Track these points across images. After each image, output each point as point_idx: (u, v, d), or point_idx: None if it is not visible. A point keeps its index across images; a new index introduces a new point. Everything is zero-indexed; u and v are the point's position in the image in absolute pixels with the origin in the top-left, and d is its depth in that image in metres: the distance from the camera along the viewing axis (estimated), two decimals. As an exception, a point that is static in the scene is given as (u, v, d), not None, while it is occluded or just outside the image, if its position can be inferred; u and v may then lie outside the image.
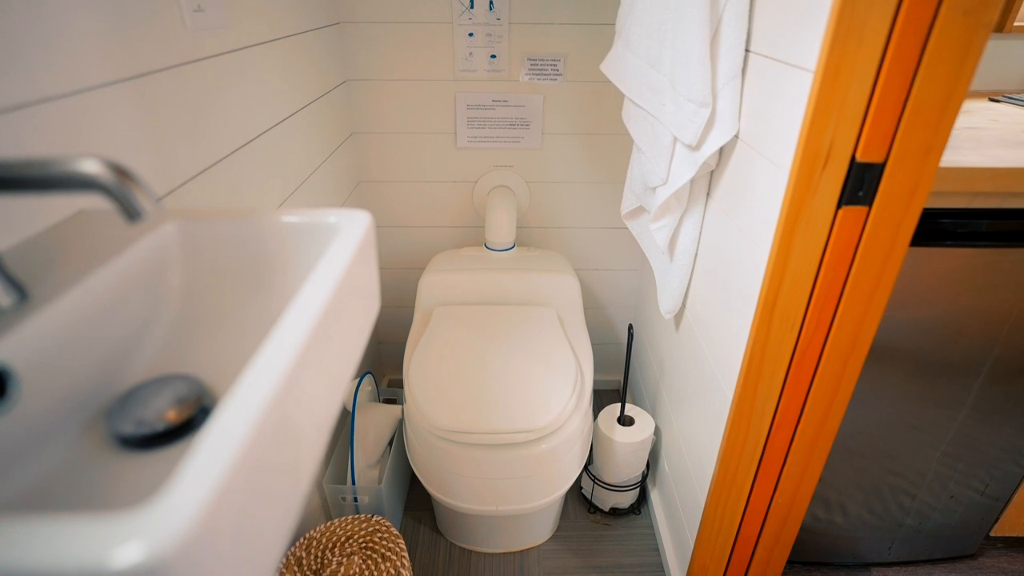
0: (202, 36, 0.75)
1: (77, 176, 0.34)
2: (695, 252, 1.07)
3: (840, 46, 0.63)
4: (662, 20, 0.92)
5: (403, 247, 1.58)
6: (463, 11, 1.29)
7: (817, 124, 0.67)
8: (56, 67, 0.52)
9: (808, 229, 0.73)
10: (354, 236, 0.49)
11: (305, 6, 1.10)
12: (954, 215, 0.91)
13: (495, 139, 1.42)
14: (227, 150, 0.81)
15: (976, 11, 0.60)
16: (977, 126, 1.06)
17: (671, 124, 0.93)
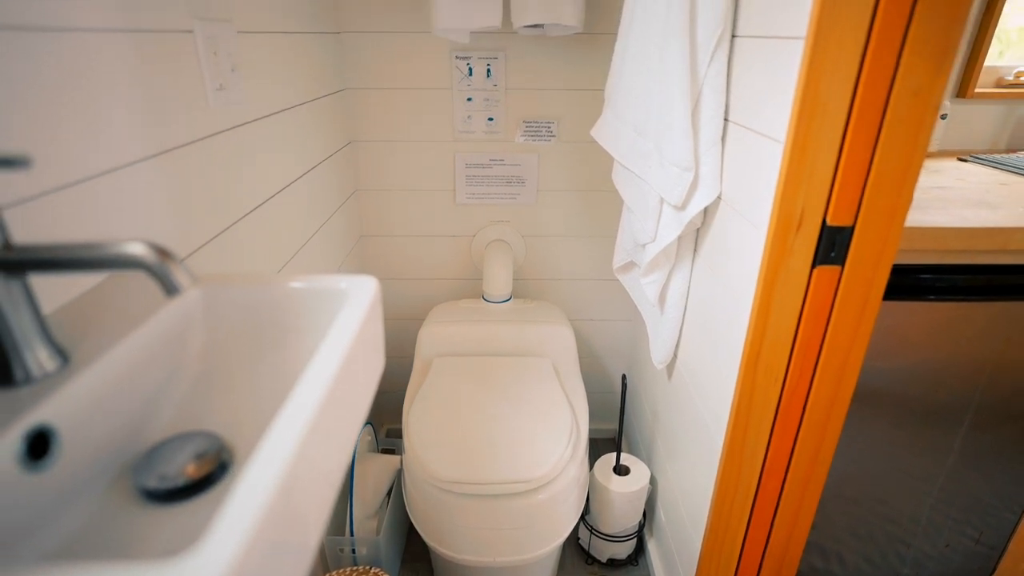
0: (222, 111, 0.81)
1: (126, 258, 0.38)
2: (684, 305, 1.11)
3: (805, 121, 0.70)
4: (647, 91, 0.99)
5: (403, 298, 1.63)
6: (462, 78, 1.38)
7: (789, 190, 0.73)
8: (99, 150, 0.57)
9: (786, 287, 0.78)
10: (363, 302, 0.53)
11: (314, 76, 1.18)
12: (932, 271, 0.96)
13: (492, 195, 1.49)
14: (242, 212, 0.87)
15: (924, 92, 0.66)
16: (945, 186, 1.13)
17: (658, 186, 0.99)
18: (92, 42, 0.56)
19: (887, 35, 0.65)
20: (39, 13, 0.50)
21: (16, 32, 0.48)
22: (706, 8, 0.87)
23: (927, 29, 0.64)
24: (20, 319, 0.40)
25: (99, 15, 0.57)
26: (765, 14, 0.79)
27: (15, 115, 0.47)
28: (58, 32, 0.52)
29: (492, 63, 1.36)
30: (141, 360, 0.49)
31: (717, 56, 0.89)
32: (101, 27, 0.58)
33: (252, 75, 0.90)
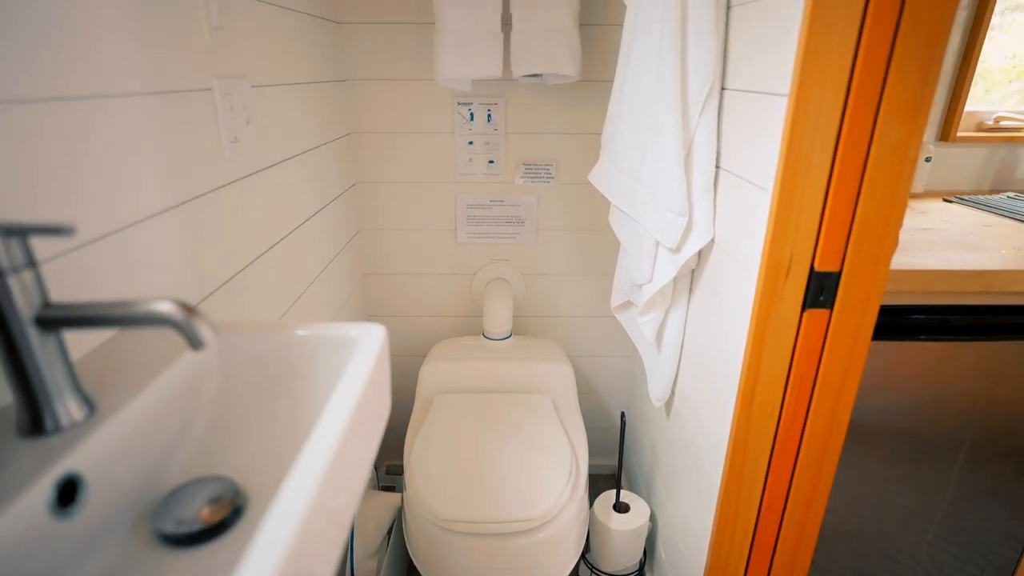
0: (236, 161, 0.85)
1: (155, 316, 0.41)
2: (681, 344, 1.14)
3: (791, 173, 0.73)
4: (642, 139, 1.04)
5: (405, 335, 1.65)
6: (464, 123, 1.43)
7: (777, 237, 0.77)
8: (125, 204, 0.60)
9: (777, 329, 0.81)
10: (372, 350, 0.56)
11: (321, 122, 1.23)
12: (922, 311, 0.99)
13: (493, 235, 1.52)
14: (253, 256, 0.90)
15: (901, 148, 0.70)
16: (931, 227, 1.17)
17: (653, 229, 1.03)
18: (123, 107, 0.60)
19: (864, 95, 0.69)
20: (79, 84, 0.54)
21: (58, 102, 0.51)
22: (696, 62, 0.91)
23: (901, 90, 0.68)
24: (54, 372, 0.43)
25: (131, 81, 0.61)
26: (751, 70, 0.84)
27: (52, 177, 0.51)
28: (96, 99, 0.56)
29: (493, 109, 1.41)
30: (161, 407, 0.52)
31: (708, 107, 0.93)
32: (132, 92, 0.62)
33: (264, 125, 0.94)
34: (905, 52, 0.66)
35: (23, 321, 0.41)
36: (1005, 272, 0.94)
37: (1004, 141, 1.46)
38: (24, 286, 0.40)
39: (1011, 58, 1.48)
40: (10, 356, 0.41)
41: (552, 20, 1.22)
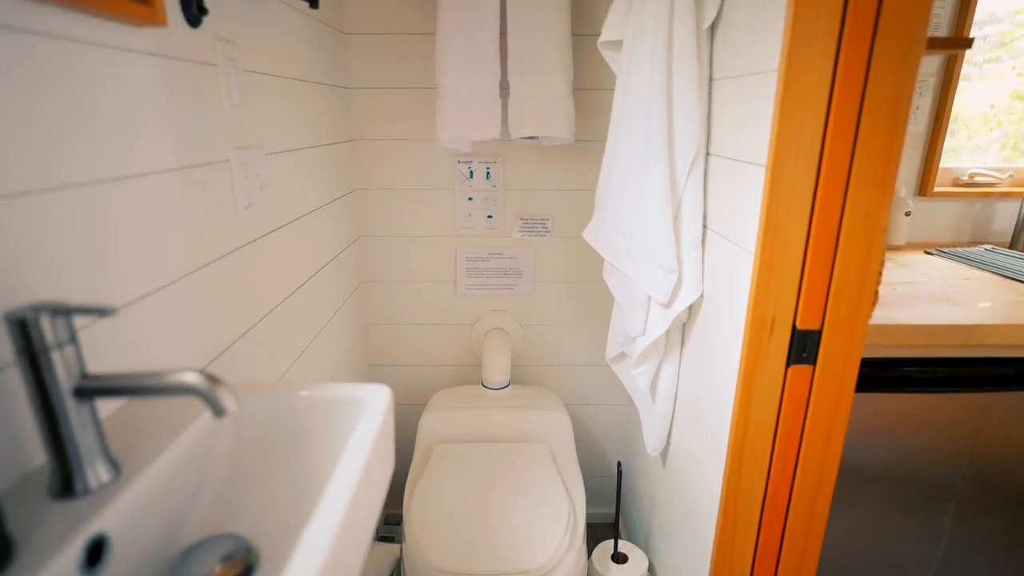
0: (249, 225, 0.90)
1: (183, 386, 0.45)
2: (675, 394, 1.17)
3: (770, 237, 0.79)
4: (632, 200, 1.09)
5: (405, 384, 1.68)
6: (464, 180, 1.50)
7: (760, 297, 0.81)
8: (149, 274, 0.65)
9: (764, 384, 0.84)
10: (378, 411, 0.59)
11: (328, 182, 1.29)
12: (912, 364, 1.02)
13: (491, 287, 1.57)
14: (263, 314, 0.94)
15: (871, 215, 0.75)
16: (912, 280, 1.22)
17: (645, 285, 1.07)
18: (150, 184, 0.65)
19: (835, 167, 0.75)
20: (113, 167, 0.59)
21: (93, 186, 0.56)
22: (682, 130, 0.98)
23: (868, 163, 0.74)
24: (86, 438, 0.47)
25: (158, 160, 0.67)
26: (733, 140, 0.90)
27: (85, 254, 0.55)
28: (127, 179, 0.61)
29: (491, 167, 1.48)
30: (179, 468, 0.55)
31: (694, 171, 0.99)
32: (159, 170, 0.67)
33: (276, 189, 1.00)
34: (870, 131, 0.72)
35: (63, 392, 0.44)
36: (981, 327, 0.98)
37: (979, 196, 1.52)
38: (66, 359, 0.44)
39: (991, 107, 1.56)
40: (49, 424, 0.45)
41: (547, 87, 1.30)
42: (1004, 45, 1.51)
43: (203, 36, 0.76)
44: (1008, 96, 1.54)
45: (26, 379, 0.44)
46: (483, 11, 1.26)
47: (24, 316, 0.42)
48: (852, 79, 0.72)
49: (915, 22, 0.69)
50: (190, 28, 0.73)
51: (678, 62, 0.96)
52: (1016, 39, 1.50)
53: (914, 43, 0.70)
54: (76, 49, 0.54)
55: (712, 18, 0.95)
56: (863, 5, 0.69)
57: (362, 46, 1.41)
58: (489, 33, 1.28)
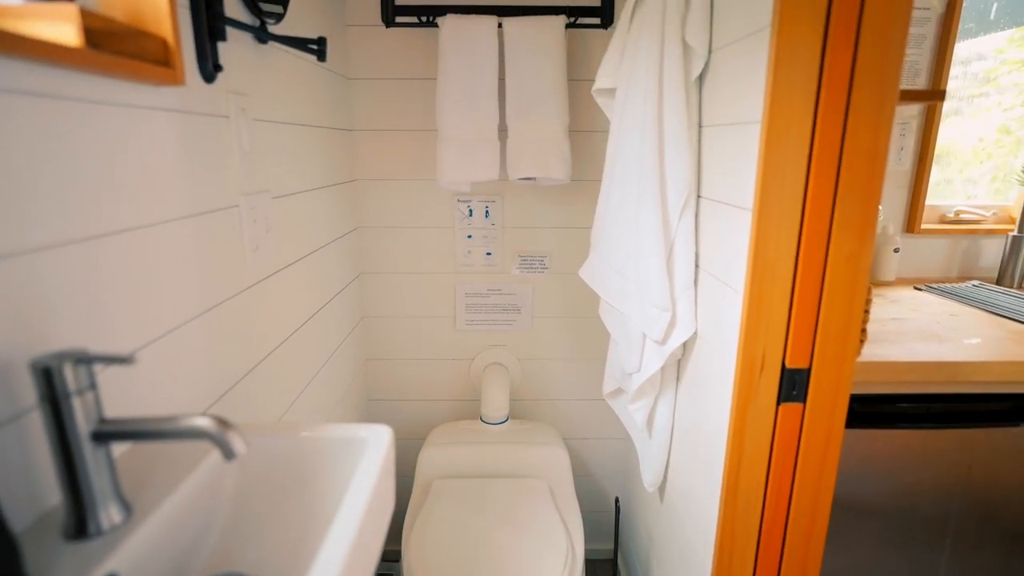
0: (256, 267, 0.93)
1: (195, 430, 0.47)
2: (671, 430, 1.19)
3: (758, 278, 0.82)
4: (627, 240, 1.13)
5: (404, 419, 1.69)
6: (463, 218, 1.54)
7: (750, 336, 0.84)
8: (161, 317, 0.68)
9: (755, 422, 0.86)
10: (380, 451, 0.61)
11: (332, 221, 1.33)
12: (902, 399, 1.04)
13: (490, 322, 1.60)
14: (267, 352, 0.96)
15: (854, 258, 0.79)
16: (901, 317, 1.25)
17: (640, 323, 1.10)
18: (165, 232, 0.69)
19: (818, 213, 0.78)
20: (132, 217, 0.62)
21: (114, 236, 0.60)
22: (673, 174, 1.02)
23: (849, 209, 0.77)
24: (101, 481, 0.49)
25: (173, 208, 0.70)
26: (721, 184, 0.94)
27: (103, 301, 0.58)
28: (144, 228, 0.64)
29: (490, 205, 1.52)
30: (188, 508, 0.57)
31: (685, 213, 1.03)
32: (173, 218, 0.70)
33: (281, 231, 1.04)
34: (850, 179, 0.76)
35: (81, 437, 0.47)
36: (968, 364, 1.01)
37: (966, 233, 1.56)
38: (85, 405, 0.47)
39: (979, 140, 1.61)
40: (67, 467, 0.47)
41: (544, 130, 1.35)
42: (989, 81, 1.57)
43: (217, 90, 0.81)
44: (996, 130, 1.60)
45: (47, 424, 0.46)
46: (482, 58, 1.32)
47: (49, 364, 0.45)
48: (831, 130, 0.76)
49: (888, 78, 0.74)
50: (205, 84, 0.77)
51: (668, 110, 1.01)
52: (1000, 75, 1.57)
53: (887, 98, 0.74)
54: (102, 111, 0.58)
55: (700, 70, 1.00)
56: (839, 63, 0.74)
57: (366, 91, 1.46)
58: (488, 79, 1.33)
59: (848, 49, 0.74)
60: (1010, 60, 1.55)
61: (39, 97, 0.51)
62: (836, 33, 0.73)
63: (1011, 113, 1.58)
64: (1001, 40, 1.55)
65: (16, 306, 0.48)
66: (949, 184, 1.63)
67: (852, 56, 0.74)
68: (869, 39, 0.73)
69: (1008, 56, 1.55)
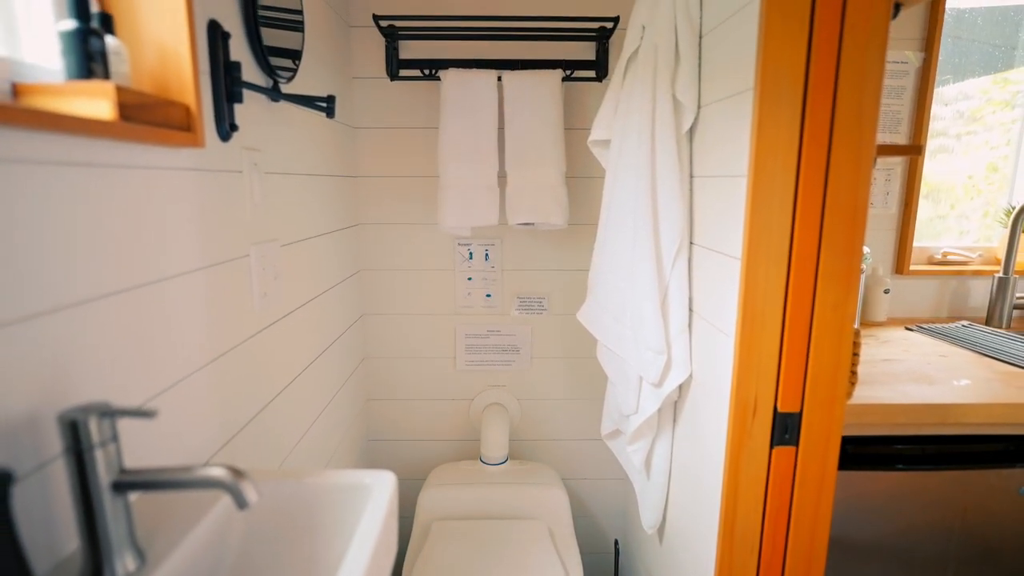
0: (263, 313, 0.96)
1: (210, 480, 0.50)
2: (669, 471, 1.20)
3: (748, 325, 0.85)
4: (623, 285, 1.16)
5: (404, 459, 1.70)
6: (464, 261, 1.58)
7: (742, 381, 0.87)
8: (174, 366, 0.70)
9: (750, 465, 0.88)
10: (384, 498, 0.63)
11: (336, 265, 1.36)
12: (897, 441, 1.06)
13: (490, 363, 1.62)
14: (272, 395, 0.99)
15: (840, 306, 0.82)
16: (892, 358, 1.27)
17: (636, 366, 1.13)
18: (179, 284, 0.72)
19: (803, 263, 0.82)
20: (149, 272, 0.66)
21: (131, 291, 0.63)
22: (667, 221, 1.06)
23: (833, 259, 0.81)
24: (118, 530, 0.51)
25: (187, 262, 0.74)
26: (712, 233, 0.98)
27: (118, 354, 0.61)
28: (160, 282, 0.68)
29: (490, 249, 1.56)
30: (198, 554, 0.58)
31: (679, 260, 1.07)
32: (187, 270, 0.74)
33: (288, 277, 1.07)
34: (833, 231, 0.80)
35: (102, 487, 0.49)
36: (958, 406, 1.03)
37: (954, 274, 1.60)
38: (107, 456, 0.49)
39: (969, 178, 1.66)
40: (86, 517, 0.49)
41: (542, 177, 1.40)
42: (976, 120, 1.63)
43: (232, 147, 0.85)
44: (985, 167, 1.65)
45: (71, 474, 0.48)
46: (483, 110, 1.38)
47: (76, 418, 0.47)
48: (813, 187, 0.80)
49: (864, 139, 0.78)
50: (222, 142, 0.82)
51: (661, 161, 1.05)
52: (986, 114, 1.63)
53: (864, 157, 0.79)
54: (129, 174, 0.62)
55: (690, 123, 1.05)
56: (818, 124, 0.78)
57: (370, 139, 1.52)
58: (488, 129, 1.39)
59: (826, 111, 0.78)
60: (995, 100, 1.61)
61: (76, 166, 0.55)
62: (814, 97, 0.78)
63: (998, 151, 1.64)
64: (985, 81, 1.61)
65: (45, 361, 0.51)
66: (943, 220, 1.68)
67: (830, 118, 0.79)
68: (845, 103, 0.78)
69: (993, 96, 1.62)
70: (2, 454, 0.46)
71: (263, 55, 0.91)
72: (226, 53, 0.80)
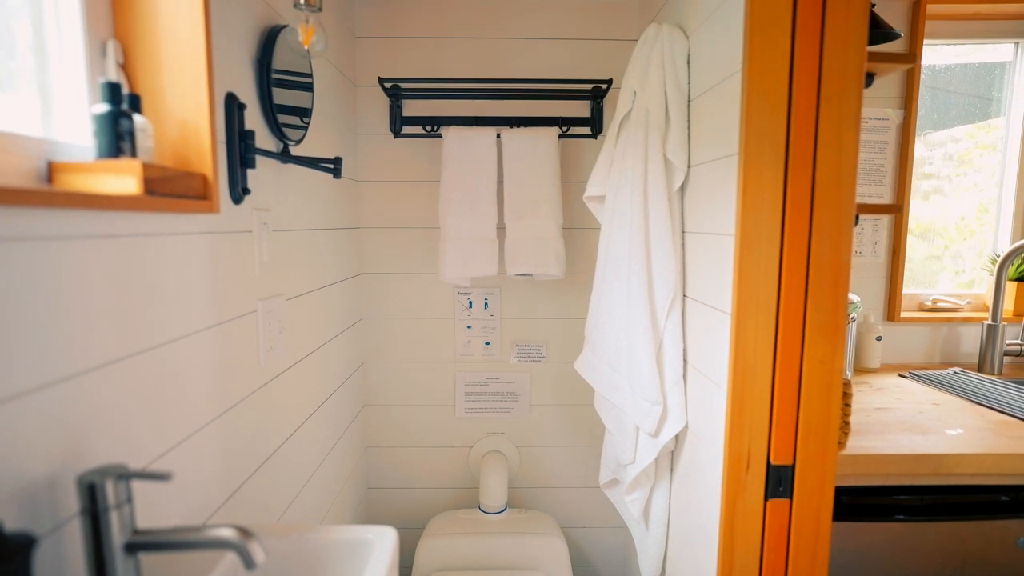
0: (269, 367, 0.99)
1: (221, 541, 0.51)
2: (667, 522, 1.20)
3: (740, 378, 0.87)
4: (618, 336, 1.19)
5: (403, 507, 1.69)
6: (463, 310, 1.61)
7: (735, 433, 0.89)
8: (185, 422, 0.73)
9: (745, 518, 0.89)
10: (386, 554, 0.65)
11: (338, 315, 1.39)
12: (902, 491, 1.07)
13: (489, 410, 1.64)
14: (276, 445, 1.00)
15: (827, 361, 0.85)
16: (885, 406, 1.29)
17: (632, 416, 1.14)
18: (189, 343, 0.75)
19: (791, 320, 0.85)
20: (163, 333, 0.69)
21: (144, 353, 0.66)
22: (660, 275, 1.10)
23: (819, 317, 0.84)
24: (129, 589, 0.52)
25: (198, 321, 0.77)
26: (704, 287, 1.02)
27: (131, 415, 0.64)
28: (172, 343, 0.71)
29: (489, 298, 1.60)
30: (203, 614, 0.60)
31: (672, 312, 1.10)
32: (197, 329, 0.77)
33: (292, 330, 1.10)
34: (818, 290, 0.84)
35: (115, 548, 0.51)
36: (950, 456, 1.04)
37: (944, 321, 1.64)
38: (122, 518, 0.51)
39: (961, 219, 1.71)
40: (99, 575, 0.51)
41: (539, 229, 1.44)
42: (964, 163, 1.69)
43: (244, 209, 0.89)
44: (976, 208, 1.70)
45: (85, 536, 0.50)
46: (482, 165, 1.44)
47: (93, 481, 0.50)
48: (797, 245, 0.84)
49: (843, 201, 0.83)
50: (234, 205, 0.86)
51: (653, 218, 1.10)
52: (974, 157, 1.69)
53: (846, 216, 0.83)
54: (148, 241, 0.66)
55: (680, 182, 1.10)
56: (800, 184, 0.83)
57: (373, 191, 1.57)
58: (487, 183, 1.44)
59: (807, 175, 0.83)
60: (982, 144, 1.68)
61: (100, 238, 0.58)
62: (795, 163, 0.83)
63: (987, 193, 1.69)
64: (970, 126, 1.68)
65: (64, 425, 0.53)
66: (938, 260, 1.72)
67: (811, 181, 0.83)
68: (825, 167, 0.83)
69: (980, 140, 1.68)
70: (22, 516, 0.49)
71: (275, 121, 0.97)
72: (241, 123, 0.85)
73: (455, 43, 1.53)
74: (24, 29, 0.60)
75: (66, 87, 0.64)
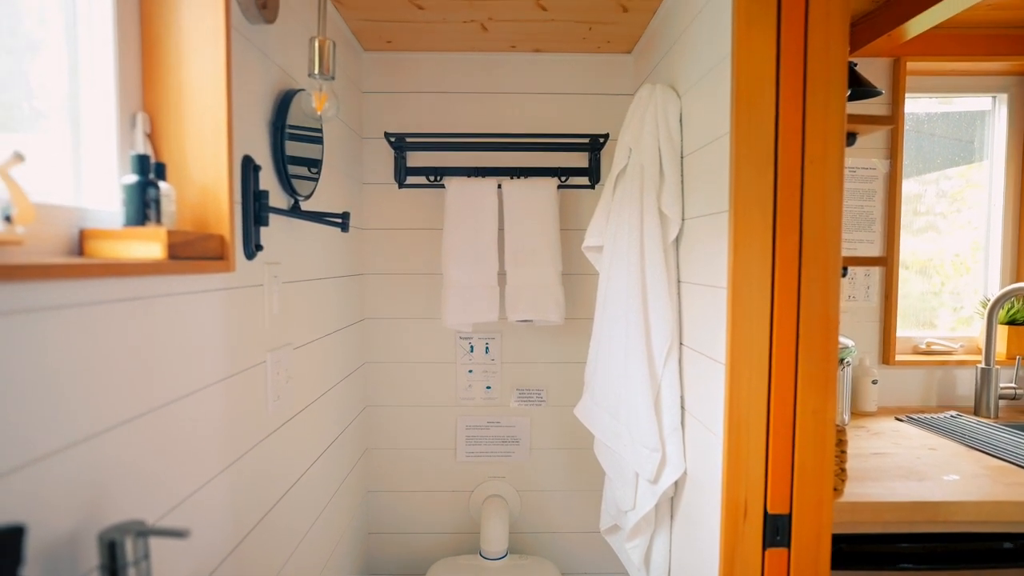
0: (276, 415, 1.01)
1: (234, 596, 0.53)
2: (668, 569, 1.20)
3: (735, 429, 0.89)
4: (617, 383, 1.22)
5: (404, 552, 1.68)
6: (465, 354, 1.64)
7: (732, 482, 0.90)
8: (196, 475, 0.75)
9: (744, 569, 0.90)
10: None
11: (342, 360, 1.42)
12: (908, 539, 1.07)
13: (490, 454, 1.65)
14: (280, 494, 1.02)
15: (820, 411, 0.87)
16: (882, 451, 1.31)
17: (632, 462, 1.16)
18: (201, 397, 0.78)
19: (783, 372, 0.88)
20: (179, 388, 0.72)
21: (159, 410, 0.69)
22: (657, 324, 1.13)
23: (810, 368, 0.87)
24: (143, 645, 0.54)
25: (210, 375, 0.80)
26: (699, 337, 1.05)
27: (146, 472, 0.66)
28: (186, 397, 0.74)
29: (490, 342, 1.63)
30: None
31: (670, 360, 1.13)
32: (209, 383, 0.80)
33: (298, 379, 1.12)
34: (808, 342, 0.87)
35: (132, 603, 0.53)
36: (946, 504, 1.06)
37: (939, 364, 1.66)
38: (140, 574, 0.53)
39: (956, 255, 1.75)
40: (115, 633, 0.52)
41: (539, 276, 1.48)
42: (958, 200, 1.74)
43: (256, 264, 0.93)
44: (970, 246, 1.74)
45: (104, 592, 0.52)
46: (484, 214, 1.49)
47: (113, 538, 0.52)
48: (787, 299, 0.87)
49: (830, 256, 0.87)
50: (247, 261, 0.90)
51: (650, 269, 1.14)
52: (966, 195, 1.73)
53: (832, 270, 0.87)
54: (166, 301, 0.69)
55: (675, 234, 1.14)
56: (787, 241, 0.87)
57: (377, 239, 1.62)
58: (489, 232, 1.49)
59: (794, 232, 0.87)
60: (973, 182, 1.73)
61: (124, 301, 0.62)
62: (783, 221, 0.87)
63: (980, 231, 1.74)
64: (961, 165, 1.73)
65: (83, 484, 0.55)
66: (936, 296, 1.75)
67: (799, 238, 0.87)
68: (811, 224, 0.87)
69: (972, 178, 1.73)
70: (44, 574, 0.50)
71: (287, 178, 1.01)
72: (256, 183, 0.89)
73: (457, 97, 1.60)
74: (62, 104, 0.65)
75: (97, 156, 0.69)
